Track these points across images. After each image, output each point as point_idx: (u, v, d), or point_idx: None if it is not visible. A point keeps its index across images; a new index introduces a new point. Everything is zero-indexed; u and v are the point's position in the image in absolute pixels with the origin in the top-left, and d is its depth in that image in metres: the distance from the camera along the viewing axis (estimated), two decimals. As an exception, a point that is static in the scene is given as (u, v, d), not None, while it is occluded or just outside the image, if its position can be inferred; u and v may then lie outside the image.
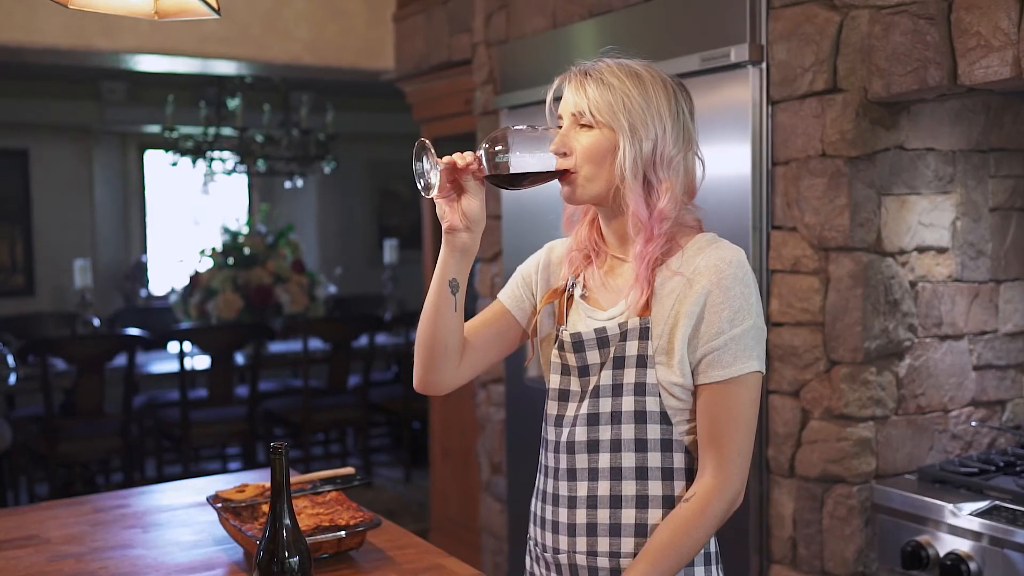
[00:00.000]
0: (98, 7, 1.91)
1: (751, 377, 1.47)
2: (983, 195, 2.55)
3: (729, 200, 2.54)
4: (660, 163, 1.49)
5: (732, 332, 1.45)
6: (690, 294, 1.47)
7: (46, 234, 7.26)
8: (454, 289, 1.59)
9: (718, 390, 1.46)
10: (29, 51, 3.71)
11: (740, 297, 1.46)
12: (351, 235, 8.51)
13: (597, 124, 1.49)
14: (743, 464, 1.48)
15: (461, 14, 3.89)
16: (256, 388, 5.42)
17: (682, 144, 1.52)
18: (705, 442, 1.48)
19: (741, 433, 1.47)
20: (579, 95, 1.51)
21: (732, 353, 1.45)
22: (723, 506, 1.46)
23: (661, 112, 1.50)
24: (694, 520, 1.45)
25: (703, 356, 1.46)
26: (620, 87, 1.49)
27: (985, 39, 2.01)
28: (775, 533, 2.54)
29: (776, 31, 2.46)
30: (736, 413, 1.46)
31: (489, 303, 3.75)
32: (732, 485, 1.47)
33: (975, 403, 2.57)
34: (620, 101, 1.48)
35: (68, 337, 5.70)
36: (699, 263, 1.48)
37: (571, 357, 1.56)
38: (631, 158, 1.48)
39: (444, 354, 1.62)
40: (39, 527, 2.11)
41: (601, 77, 1.51)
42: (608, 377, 1.52)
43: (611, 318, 1.54)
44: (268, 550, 1.47)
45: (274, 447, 1.51)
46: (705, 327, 1.46)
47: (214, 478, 2.57)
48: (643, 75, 1.51)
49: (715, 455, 1.46)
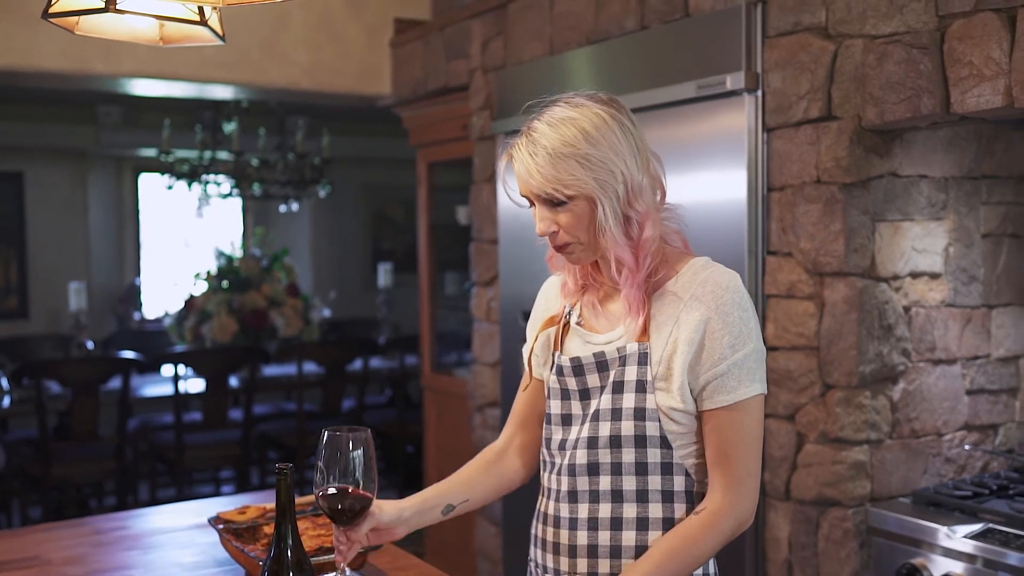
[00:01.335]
0: (104, 33, 1.93)
1: (755, 400, 1.49)
2: (975, 221, 2.59)
3: (725, 225, 2.58)
4: (634, 196, 1.48)
5: (734, 357, 1.47)
6: (688, 320, 1.48)
7: (40, 256, 7.27)
8: (448, 511, 1.68)
9: (724, 415, 1.48)
10: (29, 75, 3.73)
11: (739, 322, 1.48)
12: (345, 259, 8.53)
13: (568, 198, 1.46)
14: (753, 484, 1.50)
15: (458, 40, 3.93)
16: (251, 411, 5.42)
17: (642, 162, 1.50)
18: (714, 464, 1.49)
19: (750, 454, 1.49)
20: (536, 177, 1.46)
21: (736, 378, 1.47)
22: (733, 524, 1.48)
23: (617, 148, 1.47)
24: (703, 533, 1.47)
25: (707, 383, 1.48)
26: (572, 151, 1.44)
27: (977, 68, 2.05)
28: (771, 556, 2.56)
29: (771, 59, 2.50)
30: (743, 435, 1.48)
31: (486, 327, 3.77)
32: (742, 504, 1.48)
33: (968, 427, 2.60)
34: (579, 167, 1.44)
35: (63, 360, 5.69)
36: (696, 290, 1.50)
37: (571, 381, 1.57)
38: (611, 210, 1.47)
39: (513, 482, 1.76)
40: (39, 548, 2.12)
41: (548, 149, 1.45)
42: (608, 401, 1.53)
43: (609, 342, 1.55)
44: (273, 570, 1.49)
45: (280, 468, 1.53)
46: (707, 354, 1.47)
47: (212, 500, 2.57)
48: (579, 120, 1.46)
49: (724, 476, 1.48)
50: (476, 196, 3.86)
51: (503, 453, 1.76)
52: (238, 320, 5.82)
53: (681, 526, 1.49)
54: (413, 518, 1.62)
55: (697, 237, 1.65)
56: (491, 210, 3.71)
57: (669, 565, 1.46)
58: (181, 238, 8.16)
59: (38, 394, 4.79)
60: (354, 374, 5.83)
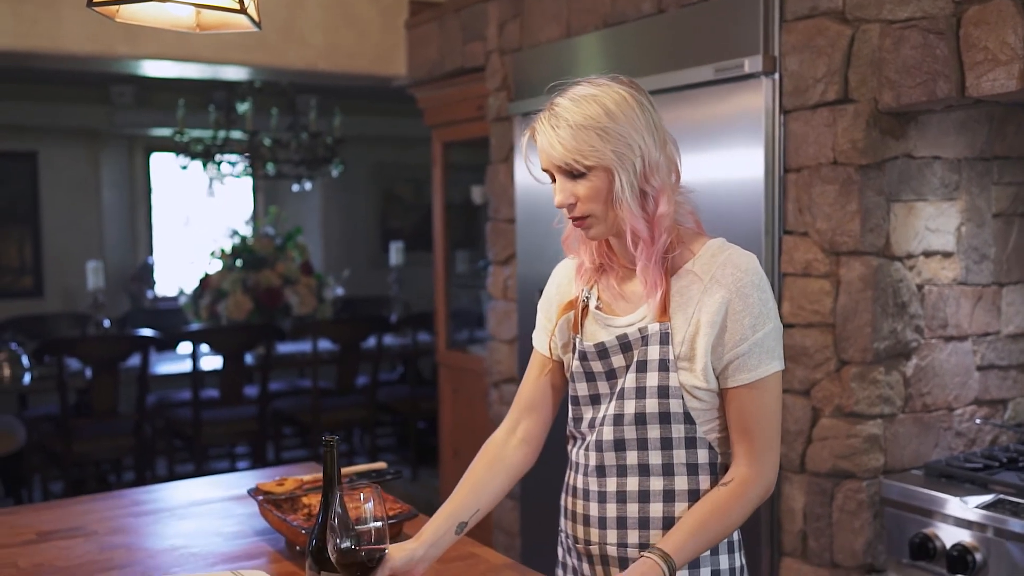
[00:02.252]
0: (144, 20, 1.99)
1: (774, 376, 1.56)
2: (987, 201, 2.65)
3: (742, 205, 2.64)
4: (650, 172, 1.54)
5: (755, 337, 1.54)
6: (710, 303, 1.54)
7: (55, 236, 7.33)
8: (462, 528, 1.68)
9: (746, 392, 1.55)
10: (54, 57, 3.79)
11: (759, 303, 1.55)
12: (355, 237, 8.59)
13: (588, 169, 1.52)
14: (774, 456, 1.58)
15: (475, 22, 3.98)
16: (267, 388, 5.51)
17: (659, 141, 1.56)
18: (737, 438, 1.57)
19: (770, 427, 1.56)
20: (558, 148, 1.52)
21: (756, 357, 1.54)
22: (759, 492, 1.56)
23: (636, 124, 1.52)
24: (732, 502, 1.55)
25: (729, 362, 1.54)
26: (592, 124, 1.50)
27: (992, 53, 2.10)
28: (786, 527, 2.64)
29: (788, 43, 2.55)
30: (764, 410, 1.56)
31: (503, 305, 3.85)
32: (766, 475, 1.56)
33: (978, 402, 2.67)
34: (599, 139, 1.50)
35: (84, 337, 5.78)
36: (715, 272, 1.55)
37: (596, 364, 1.63)
38: (628, 183, 1.52)
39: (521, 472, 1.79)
40: (81, 519, 2.20)
41: (570, 122, 1.51)
42: (632, 380, 1.59)
43: (630, 324, 1.61)
44: (321, 537, 1.56)
45: (326, 440, 1.60)
46: (728, 335, 1.54)
47: (243, 474, 2.66)
48: (601, 97, 1.52)
49: (747, 449, 1.56)
50: (493, 176, 3.91)
51: (505, 446, 1.76)
52: (253, 298, 5.89)
53: (710, 497, 1.57)
54: (429, 552, 1.61)
55: (715, 217, 1.70)
56: (508, 190, 3.77)
57: (702, 534, 1.53)
58: (185, 216, 8.22)
59: (60, 371, 4.88)
60: (367, 351, 5.92)
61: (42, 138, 7.26)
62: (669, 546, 1.51)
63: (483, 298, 5.07)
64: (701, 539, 1.54)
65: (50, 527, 2.13)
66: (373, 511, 1.47)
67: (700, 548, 1.54)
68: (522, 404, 1.78)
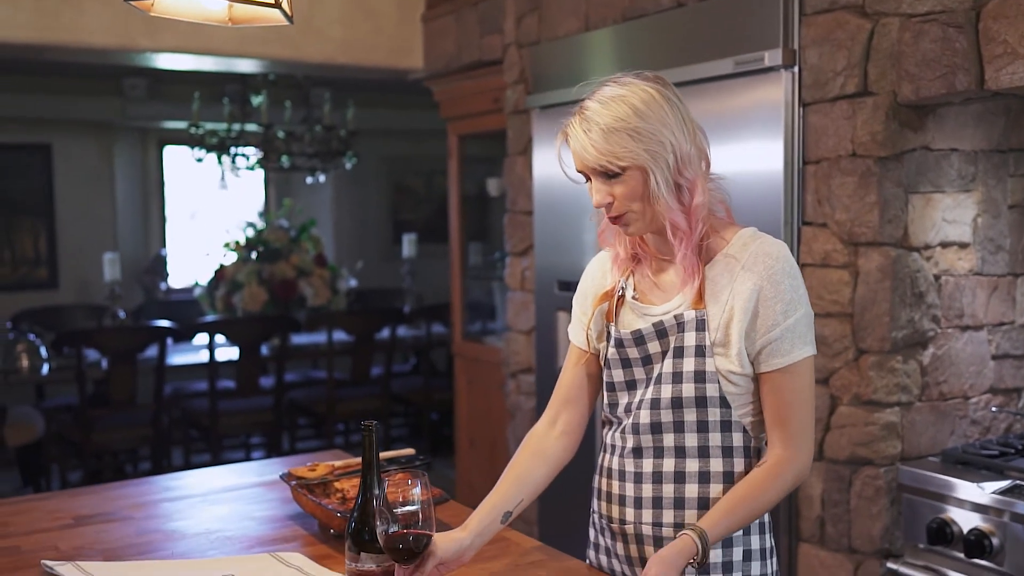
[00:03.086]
0: (177, 14, 2.02)
1: (806, 361, 1.60)
2: (1002, 193, 2.68)
3: (762, 197, 2.68)
4: (683, 165, 1.58)
5: (786, 323, 1.58)
6: (742, 290, 1.59)
7: (69, 228, 7.39)
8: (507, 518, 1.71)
9: (779, 377, 1.59)
10: (75, 51, 3.83)
11: (790, 290, 1.59)
12: (366, 230, 8.64)
13: (622, 169, 1.56)
14: (808, 438, 1.62)
15: (492, 16, 4.02)
16: (283, 379, 5.56)
17: (689, 134, 1.60)
18: (772, 422, 1.61)
19: (804, 411, 1.60)
20: (591, 152, 1.56)
21: (788, 342, 1.58)
22: (794, 474, 1.60)
23: (665, 121, 1.57)
24: (768, 482, 1.59)
25: (762, 347, 1.59)
26: (623, 125, 1.54)
27: (1011, 47, 2.14)
28: (804, 513, 2.68)
29: (808, 37, 2.59)
30: (798, 394, 1.60)
31: (520, 296, 3.89)
32: (800, 457, 1.60)
33: (993, 390, 2.71)
34: (631, 139, 1.54)
35: (102, 328, 5.83)
36: (747, 260, 1.60)
37: (633, 351, 1.67)
38: (663, 180, 1.57)
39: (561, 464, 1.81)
40: (115, 504, 2.24)
41: (601, 125, 1.55)
42: (669, 366, 1.63)
43: (666, 312, 1.65)
44: (360, 518, 1.61)
45: (365, 425, 1.65)
46: (761, 321, 1.58)
47: (267, 462, 2.71)
48: (629, 97, 1.56)
49: (782, 433, 1.60)
50: (510, 168, 3.95)
51: (546, 438, 1.80)
52: (268, 290, 5.94)
53: (747, 477, 1.61)
54: (475, 541, 1.65)
55: (735, 208, 1.72)
56: (526, 182, 3.81)
57: (738, 511, 1.58)
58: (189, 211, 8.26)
59: (79, 362, 4.93)
60: (381, 342, 5.96)
61: (56, 130, 7.31)
62: (706, 523, 1.56)
63: (495, 290, 5.12)
64: (735, 518, 1.58)
65: (86, 512, 2.18)
66: (420, 496, 1.52)
67: (734, 527, 1.59)
68: (561, 397, 1.82)
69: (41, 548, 1.92)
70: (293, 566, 1.79)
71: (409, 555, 1.54)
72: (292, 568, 1.78)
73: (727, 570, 1.63)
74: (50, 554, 1.87)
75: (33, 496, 2.40)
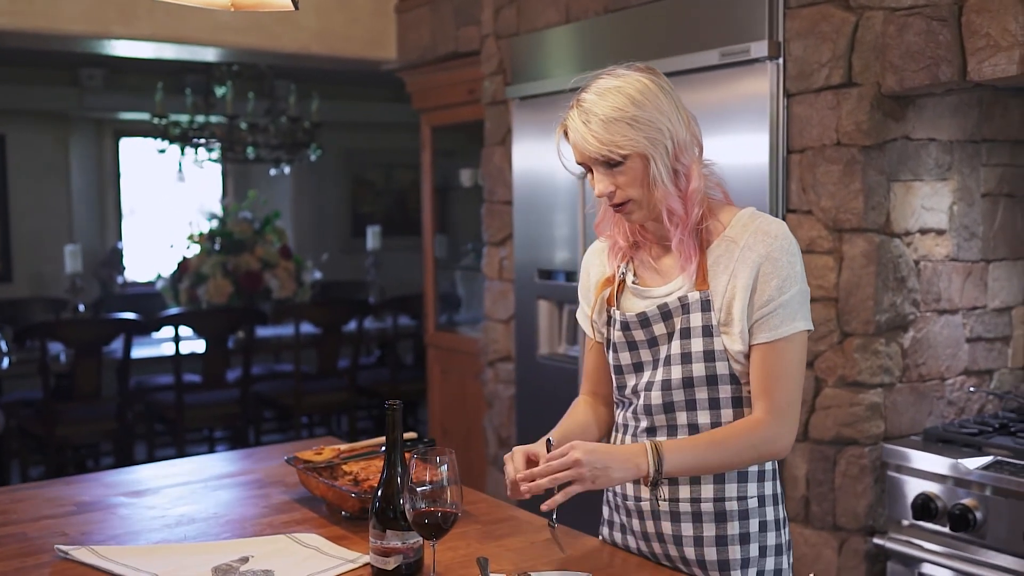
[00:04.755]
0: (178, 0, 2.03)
1: (798, 336, 1.65)
2: (976, 182, 2.78)
3: (747, 186, 2.74)
4: (680, 151, 1.64)
5: (781, 299, 1.63)
6: (743, 269, 1.64)
7: (23, 220, 7.25)
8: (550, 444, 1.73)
9: (768, 349, 1.63)
10: (51, 37, 3.77)
11: (787, 266, 1.64)
12: (325, 222, 8.60)
13: (624, 157, 1.61)
14: (792, 414, 1.64)
15: (468, 7, 4.04)
16: (249, 372, 5.52)
17: (683, 120, 1.65)
18: (757, 394, 1.64)
19: (791, 385, 1.64)
20: (592, 142, 1.60)
21: (780, 317, 1.63)
22: (770, 439, 1.62)
23: (661, 108, 1.62)
24: (741, 432, 1.62)
25: (755, 321, 1.63)
26: (621, 115, 1.59)
27: (994, 39, 2.23)
28: (789, 494, 2.75)
29: (793, 29, 2.66)
30: (786, 368, 1.63)
31: (498, 285, 3.91)
32: (781, 429, 1.63)
33: (967, 372, 2.81)
34: (630, 128, 1.59)
35: (66, 321, 5.73)
36: (747, 239, 1.65)
37: (638, 333, 1.72)
38: (662, 164, 1.62)
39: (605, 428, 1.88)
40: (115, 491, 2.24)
41: (600, 116, 1.59)
42: (677, 347, 1.68)
43: (669, 293, 1.70)
44: (386, 495, 1.63)
45: (389, 404, 1.67)
46: (757, 296, 1.63)
47: (269, 448, 2.72)
48: (625, 87, 1.61)
49: (767, 405, 1.63)
50: (488, 159, 3.98)
51: (593, 405, 1.88)
52: (233, 282, 5.90)
53: (727, 425, 1.65)
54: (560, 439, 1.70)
55: (721, 196, 1.78)
56: (504, 172, 3.84)
57: (700, 446, 1.61)
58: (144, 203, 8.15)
59: (43, 355, 4.85)
60: (348, 335, 5.95)
61: (10, 121, 7.16)
62: (668, 443, 1.60)
63: (458, 280, 5.15)
64: (697, 452, 1.61)
65: (87, 498, 2.17)
66: (447, 473, 1.55)
67: (695, 464, 1.61)
68: (590, 381, 1.90)
69: (49, 534, 1.91)
70: (311, 547, 1.81)
71: (437, 531, 1.58)
72: (310, 548, 1.80)
73: (744, 566, 1.68)
74: (59, 540, 1.86)
75: (30, 484, 2.38)
